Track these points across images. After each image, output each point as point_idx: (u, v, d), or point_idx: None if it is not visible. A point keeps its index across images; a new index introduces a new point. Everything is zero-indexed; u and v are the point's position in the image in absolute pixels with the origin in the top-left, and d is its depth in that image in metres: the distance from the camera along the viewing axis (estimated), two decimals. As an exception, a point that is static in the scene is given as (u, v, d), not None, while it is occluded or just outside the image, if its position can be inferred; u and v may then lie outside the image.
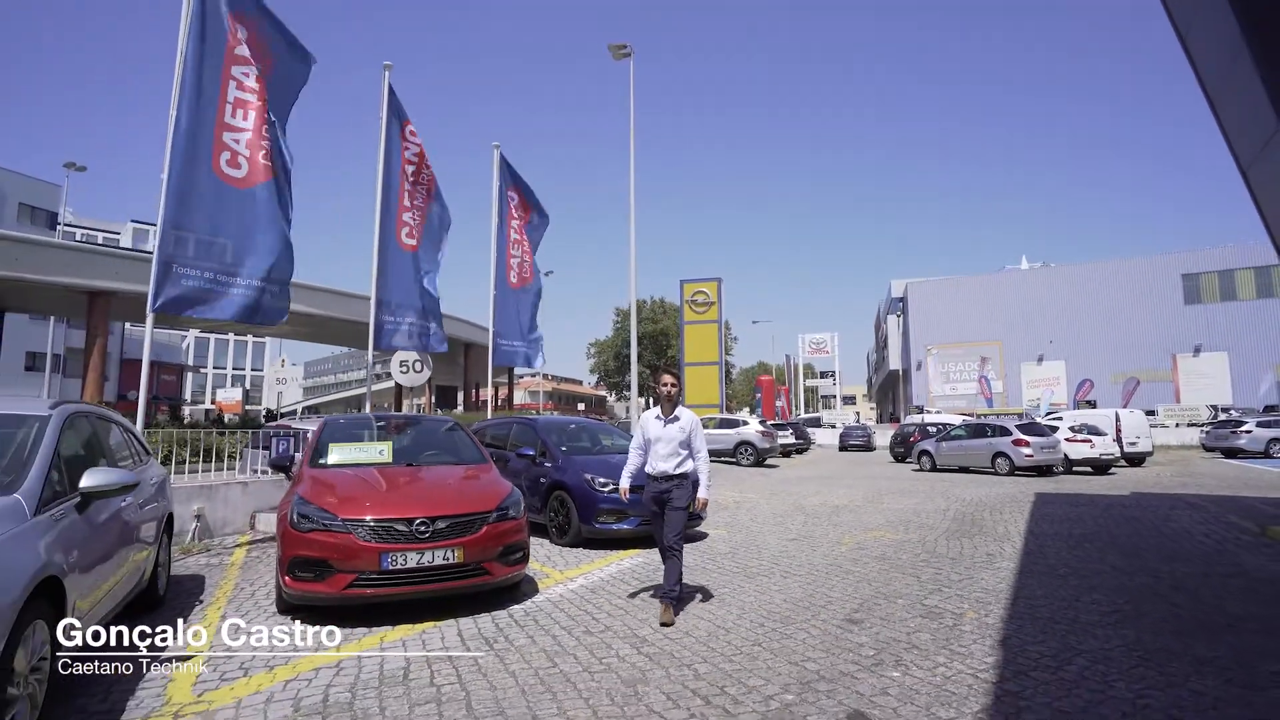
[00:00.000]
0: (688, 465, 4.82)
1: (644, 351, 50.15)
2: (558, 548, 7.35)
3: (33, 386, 33.95)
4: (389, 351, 11.57)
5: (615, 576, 6.00)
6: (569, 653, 3.96)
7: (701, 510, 5.26)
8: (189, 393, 56.16)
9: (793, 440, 27.51)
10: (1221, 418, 28.63)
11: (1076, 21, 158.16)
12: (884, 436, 31.43)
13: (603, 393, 79.04)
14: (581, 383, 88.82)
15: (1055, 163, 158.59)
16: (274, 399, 51.43)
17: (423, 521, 4.54)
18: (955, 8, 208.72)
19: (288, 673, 3.62)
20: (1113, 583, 5.62)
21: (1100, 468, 18.01)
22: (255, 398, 61.11)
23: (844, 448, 32.78)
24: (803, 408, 65.82)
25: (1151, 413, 30.65)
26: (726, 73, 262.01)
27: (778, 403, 48.42)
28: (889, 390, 65.87)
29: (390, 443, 5.89)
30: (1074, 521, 8.96)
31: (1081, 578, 5.79)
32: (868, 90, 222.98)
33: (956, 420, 25.14)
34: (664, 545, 4.80)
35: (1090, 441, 17.95)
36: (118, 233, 55.58)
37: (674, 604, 4.69)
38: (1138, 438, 19.78)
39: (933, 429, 23.47)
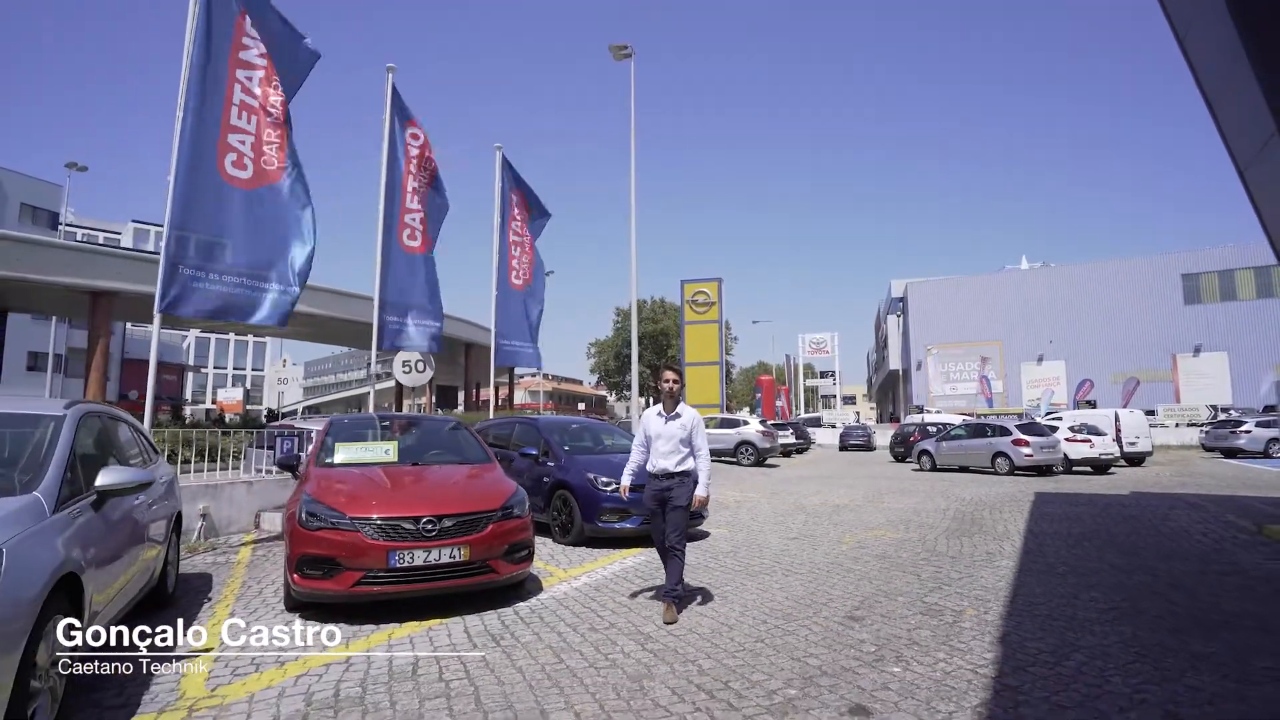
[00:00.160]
0: (689, 463, 4.81)
1: (644, 351, 50.18)
2: (561, 546, 7.41)
3: (35, 386, 34.02)
4: (392, 351, 11.64)
5: (619, 575, 6.06)
6: (574, 649, 4.02)
7: (701, 508, 5.25)
8: (189, 393, 56.19)
9: (793, 440, 27.57)
10: (1221, 418, 28.65)
11: (1076, 21, 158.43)
12: (884, 436, 31.47)
13: (603, 392, 79.07)
14: (582, 382, 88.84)
15: (1055, 163, 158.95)
16: (275, 399, 51.56)
17: (429, 520, 4.59)
18: (955, 8, 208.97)
19: (299, 668, 3.68)
20: (1111, 581, 5.67)
21: (1100, 467, 18.06)
22: (256, 398, 61.12)
23: (844, 447, 32.83)
24: (803, 407, 65.84)
25: (1151, 413, 30.68)
26: (726, 73, 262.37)
27: (778, 403, 48.44)
28: (889, 390, 65.89)
29: (395, 442, 5.93)
30: (1073, 521, 9.01)
31: (1080, 576, 5.85)
32: (868, 90, 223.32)
33: (956, 420, 25.22)
34: (664, 545, 4.80)
35: (1090, 441, 18.00)
36: (119, 233, 55.62)
37: (676, 603, 4.72)
38: (1137, 438, 19.84)
39: (933, 429, 23.53)
